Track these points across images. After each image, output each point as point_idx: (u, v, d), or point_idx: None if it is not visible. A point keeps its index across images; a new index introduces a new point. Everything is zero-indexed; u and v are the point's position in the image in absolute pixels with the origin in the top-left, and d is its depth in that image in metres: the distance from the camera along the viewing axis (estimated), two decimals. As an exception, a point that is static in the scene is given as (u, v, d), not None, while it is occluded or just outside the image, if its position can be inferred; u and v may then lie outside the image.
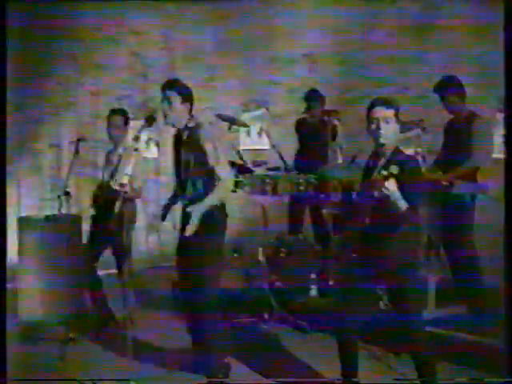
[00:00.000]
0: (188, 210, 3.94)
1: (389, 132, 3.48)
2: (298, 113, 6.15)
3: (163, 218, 4.31)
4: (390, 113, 3.49)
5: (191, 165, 4.00)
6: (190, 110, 4.07)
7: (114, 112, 5.14)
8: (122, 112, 5.17)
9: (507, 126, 3.73)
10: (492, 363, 4.07)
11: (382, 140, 3.48)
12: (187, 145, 4.02)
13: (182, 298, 4.24)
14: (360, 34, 6.38)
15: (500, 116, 5.44)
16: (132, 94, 7.36)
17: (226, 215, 4.11)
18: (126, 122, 5.16)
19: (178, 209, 4.23)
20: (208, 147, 3.96)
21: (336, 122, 5.48)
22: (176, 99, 3.99)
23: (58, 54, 7.22)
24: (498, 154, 5.43)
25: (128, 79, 7.38)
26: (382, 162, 3.54)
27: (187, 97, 4.04)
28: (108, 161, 5.14)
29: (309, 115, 5.96)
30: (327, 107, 5.76)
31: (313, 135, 5.91)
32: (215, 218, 4.01)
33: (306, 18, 6.75)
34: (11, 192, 6.57)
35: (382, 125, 3.46)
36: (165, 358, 4.47)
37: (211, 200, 3.96)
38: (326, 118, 5.55)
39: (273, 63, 7.01)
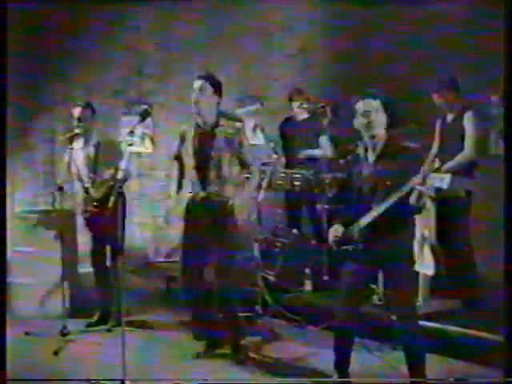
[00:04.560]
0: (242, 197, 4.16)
1: (378, 123, 3.50)
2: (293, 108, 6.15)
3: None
4: (377, 104, 3.51)
5: (224, 161, 4.12)
6: (218, 104, 4.17)
7: (79, 105, 5.10)
8: (88, 105, 5.13)
9: (506, 123, 3.74)
10: (487, 357, 4.10)
11: (372, 132, 3.50)
12: (227, 148, 4.12)
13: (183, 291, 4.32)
14: (355, 29, 6.36)
15: (496, 112, 5.44)
16: (127, 90, 7.33)
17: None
18: (93, 115, 5.14)
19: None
20: (245, 147, 4.18)
21: (326, 117, 5.50)
22: (208, 89, 4.10)
23: (53, 49, 7.19)
24: (495, 149, 5.47)
25: (123, 74, 7.35)
26: (375, 154, 3.55)
27: (218, 89, 4.15)
28: (87, 157, 5.10)
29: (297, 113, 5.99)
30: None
31: (301, 132, 5.92)
32: (226, 214, 4.16)
33: (301, 13, 6.73)
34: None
35: (371, 117, 3.49)
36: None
37: (250, 190, 4.25)
38: (317, 112, 5.59)
39: (268, 58, 6.99)
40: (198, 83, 4.12)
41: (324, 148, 5.76)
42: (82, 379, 3.94)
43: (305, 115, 5.92)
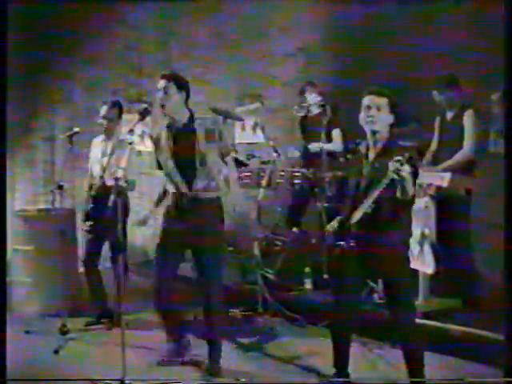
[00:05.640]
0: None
1: (380, 119, 3.49)
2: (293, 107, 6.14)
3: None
4: (382, 101, 3.51)
5: (198, 162, 3.99)
6: (186, 102, 4.07)
7: (106, 104, 5.10)
8: (115, 104, 5.12)
9: (507, 121, 3.74)
10: (487, 356, 4.09)
11: (373, 127, 3.50)
12: (190, 142, 4.00)
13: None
14: (355, 27, 6.36)
15: (497, 110, 5.44)
16: (127, 88, 7.33)
17: (222, 206, 4.14)
18: (120, 115, 5.13)
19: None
20: (214, 145, 3.99)
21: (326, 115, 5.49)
22: (172, 89, 3.99)
23: (52, 47, 7.18)
24: (495, 147, 5.47)
25: (123, 73, 7.35)
26: (375, 152, 3.55)
27: (183, 87, 4.05)
28: (102, 154, 5.10)
29: (305, 109, 5.96)
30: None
31: (314, 129, 5.90)
32: (214, 210, 4.06)
33: (301, 11, 6.73)
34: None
35: (373, 112, 3.48)
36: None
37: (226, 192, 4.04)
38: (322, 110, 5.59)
39: (268, 57, 6.99)
40: (161, 83, 4.02)
41: (335, 142, 5.76)
42: (81, 379, 3.95)
43: (317, 110, 5.85)
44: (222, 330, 4.24)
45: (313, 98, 5.83)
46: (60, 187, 4.99)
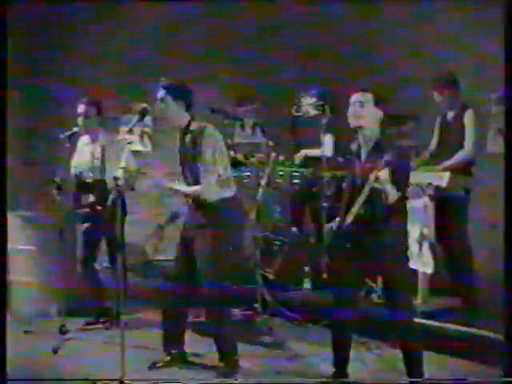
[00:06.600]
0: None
1: (363, 115, 3.49)
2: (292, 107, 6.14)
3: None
4: (366, 97, 3.52)
5: (196, 171, 3.99)
6: (188, 109, 4.04)
7: (83, 102, 5.09)
8: (91, 102, 5.11)
9: (506, 121, 3.75)
10: (486, 355, 4.09)
11: (356, 123, 3.51)
12: (192, 151, 3.99)
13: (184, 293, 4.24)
14: (356, 27, 6.37)
15: (496, 110, 5.44)
16: (125, 88, 7.33)
17: (239, 210, 4.15)
18: (99, 112, 5.13)
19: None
20: (207, 154, 3.93)
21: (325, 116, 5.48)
22: (169, 99, 3.99)
23: (52, 47, 7.19)
24: (493, 147, 5.47)
25: (122, 73, 7.34)
26: (367, 151, 3.55)
27: (180, 95, 4.01)
28: (92, 155, 5.09)
29: (305, 109, 5.95)
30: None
31: (310, 130, 5.90)
32: (223, 214, 4.00)
33: (299, 11, 6.73)
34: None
35: (356, 108, 3.49)
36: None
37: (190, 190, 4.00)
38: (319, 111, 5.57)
39: (267, 57, 6.99)
40: (159, 93, 4.02)
41: (325, 147, 5.74)
42: (80, 379, 3.95)
43: (314, 111, 5.79)
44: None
45: (312, 98, 5.83)
46: (60, 188, 4.99)
